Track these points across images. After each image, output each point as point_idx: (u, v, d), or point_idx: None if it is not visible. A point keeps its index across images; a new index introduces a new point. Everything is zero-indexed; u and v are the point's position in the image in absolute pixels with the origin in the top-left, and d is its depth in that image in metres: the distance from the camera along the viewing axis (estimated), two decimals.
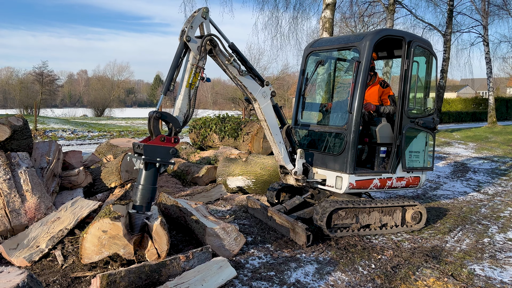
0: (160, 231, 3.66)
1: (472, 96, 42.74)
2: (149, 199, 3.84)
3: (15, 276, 2.32)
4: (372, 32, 5.03)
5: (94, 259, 3.57)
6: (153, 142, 3.82)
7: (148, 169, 3.79)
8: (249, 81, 4.64)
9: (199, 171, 7.40)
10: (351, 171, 4.86)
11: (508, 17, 26.07)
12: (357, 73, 4.85)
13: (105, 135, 17.49)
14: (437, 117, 5.55)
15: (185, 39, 4.07)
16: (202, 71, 4.19)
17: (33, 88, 48.42)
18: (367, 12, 22.18)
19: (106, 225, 3.54)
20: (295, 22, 18.47)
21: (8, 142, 5.11)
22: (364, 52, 4.86)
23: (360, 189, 5.05)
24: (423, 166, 5.47)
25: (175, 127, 4.01)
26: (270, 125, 4.88)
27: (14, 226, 4.26)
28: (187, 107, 4.14)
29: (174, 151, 3.88)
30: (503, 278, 3.95)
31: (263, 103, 4.78)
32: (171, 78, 4.07)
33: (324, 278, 3.76)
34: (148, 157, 3.75)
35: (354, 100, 4.83)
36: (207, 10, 4.24)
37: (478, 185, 8.53)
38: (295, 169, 5.08)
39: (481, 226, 5.66)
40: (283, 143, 4.99)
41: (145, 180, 3.80)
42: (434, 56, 5.48)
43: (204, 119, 10.64)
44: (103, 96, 62.96)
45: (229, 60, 4.41)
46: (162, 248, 3.67)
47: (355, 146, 4.87)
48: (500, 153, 13.89)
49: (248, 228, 5.08)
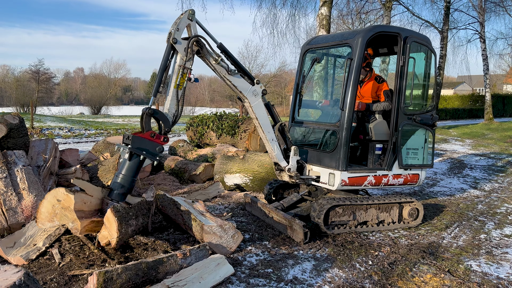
0: (110, 217, 3.56)
1: (468, 93, 42.81)
2: (126, 190, 3.97)
3: (12, 275, 2.31)
4: (364, 29, 5.02)
5: (46, 225, 3.65)
6: (143, 135, 3.98)
7: (131, 160, 3.93)
8: (238, 80, 4.68)
9: (196, 168, 7.39)
10: (344, 168, 4.86)
11: (505, 14, 26.15)
12: (349, 70, 4.85)
13: (102, 133, 17.44)
14: (436, 114, 5.50)
15: (171, 41, 4.16)
16: (189, 72, 4.27)
17: (30, 86, 48.21)
18: (364, 9, 22.20)
19: (60, 194, 3.62)
20: (292, 19, 18.48)
21: (4, 140, 5.09)
22: (356, 49, 4.85)
23: (354, 186, 5.03)
24: (422, 163, 5.43)
25: (165, 126, 4.14)
26: (262, 123, 4.91)
27: (10, 224, 4.25)
28: (175, 107, 4.27)
29: (161, 149, 4.02)
30: (500, 274, 3.97)
31: (254, 102, 4.82)
32: (160, 80, 4.18)
33: (321, 275, 3.77)
34: (134, 147, 3.90)
35: (346, 97, 4.83)
36: (193, 12, 4.31)
37: (475, 182, 8.56)
38: (288, 166, 5.09)
39: (477, 222, 5.69)
40: (275, 140, 5.01)
41: (126, 170, 3.94)
42: (433, 52, 5.43)
43: (202, 116, 10.62)
44: (100, 94, 62.74)
45: (216, 60, 4.45)
46: (112, 235, 3.58)
47: (348, 143, 4.86)
48: (497, 150, 13.94)
49: (246, 226, 5.09)
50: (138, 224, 3.98)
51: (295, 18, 18.48)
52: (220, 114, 10.41)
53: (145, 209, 4.14)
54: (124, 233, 3.68)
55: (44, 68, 47.14)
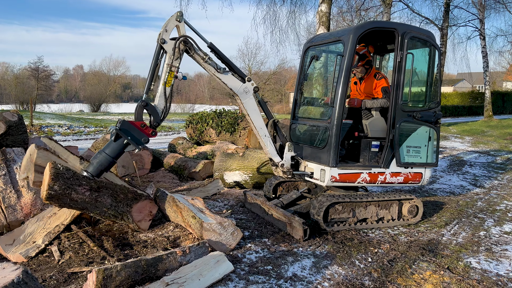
0: (47, 170, 3.88)
1: (468, 90, 42.79)
2: (103, 167, 4.20)
3: (10, 272, 2.31)
4: (356, 26, 5.02)
5: (22, 176, 4.42)
6: (134, 123, 4.27)
7: (116, 141, 4.20)
8: (228, 78, 4.83)
9: (196, 166, 7.38)
10: (334, 164, 4.86)
11: (505, 11, 26.01)
12: (340, 67, 4.86)
13: (101, 130, 17.43)
14: (439, 111, 5.35)
15: (159, 41, 4.42)
16: (176, 70, 4.50)
17: (29, 83, 48.14)
18: (364, 6, 22.08)
19: (32, 149, 4.28)
20: (292, 16, 18.41)
21: (3, 138, 5.08)
22: (347, 46, 4.84)
23: (346, 182, 5.00)
24: (425, 161, 5.28)
25: (154, 119, 4.41)
26: (254, 120, 5.03)
27: (10, 222, 4.25)
28: (164, 103, 4.50)
29: (146, 140, 4.29)
30: (499, 271, 3.97)
31: (245, 99, 4.95)
32: (152, 78, 4.46)
33: (321, 272, 3.77)
34: (121, 129, 4.17)
35: (336, 94, 4.83)
36: (181, 13, 4.54)
37: (474, 179, 8.56)
38: (282, 161, 5.16)
39: (477, 219, 5.69)
40: (268, 136, 5.11)
41: (109, 150, 4.19)
42: (436, 48, 5.28)
43: (201, 114, 10.61)
44: (100, 91, 62.64)
45: (203, 58, 4.64)
46: (43, 188, 3.83)
47: (338, 139, 4.85)
48: (496, 147, 13.94)
49: (245, 223, 5.08)
50: (85, 195, 4.01)
51: (295, 15, 18.43)
52: (220, 112, 10.39)
53: (105, 189, 4.18)
54: (58, 191, 3.83)
55: (43, 65, 47.15)
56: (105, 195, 4.13)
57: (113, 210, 4.19)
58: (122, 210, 4.25)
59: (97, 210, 4.11)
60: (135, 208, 4.35)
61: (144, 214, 4.43)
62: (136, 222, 4.37)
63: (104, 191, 4.13)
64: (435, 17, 27.31)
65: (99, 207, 4.10)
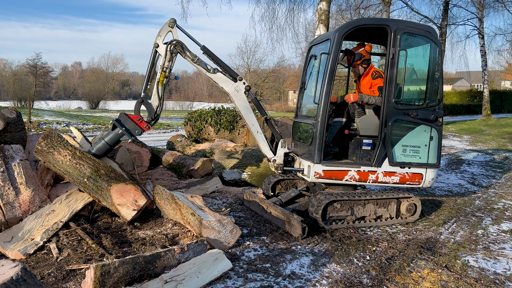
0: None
1: (467, 89, 42.85)
2: (101, 152, 4.94)
3: (9, 269, 2.30)
4: (343, 24, 5.05)
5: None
6: (131, 116, 4.90)
7: (113, 131, 4.89)
8: (219, 77, 5.15)
9: (194, 163, 7.38)
10: (318, 160, 4.90)
11: (504, 10, 26.04)
12: (325, 64, 4.91)
13: (99, 127, 17.39)
14: (439, 109, 5.16)
15: (154, 45, 4.97)
16: (168, 71, 4.98)
17: (27, 80, 48.04)
18: (363, 4, 22.07)
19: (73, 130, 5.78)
20: (291, 14, 18.40)
21: (1, 135, 5.07)
22: (333, 44, 4.88)
23: (332, 179, 5.00)
24: (425, 162, 5.11)
25: (149, 115, 4.99)
26: (246, 117, 5.25)
27: (8, 219, 4.24)
28: (158, 101, 5.03)
29: (139, 132, 4.91)
30: (497, 269, 3.99)
31: (236, 97, 5.19)
32: (148, 78, 5.04)
33: (319, 270, 3.78)
34: (117, 121, 4.85)
35: (321, 91, 4.88)
36: (173, 20, 4.99)
37: (473, 178, 8.58)
38: (274, 157, 5.31)
39: (475, 218, 5.70)
40: (261, 133, 5.30)
41: (107, 138, 4.92)
42: (436, 44, 5.12)
43: (200, 111, 10.60)
44: (98, 88, 62.53)
45: (193, 60, 5.04)
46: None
47: (322, 136, 4.88)
48: (495, 146, 13.97)
49: (244, 221, 5.09)
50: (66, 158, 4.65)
51: (294, 13, 18.41)
52: (219, 109, 10.38)
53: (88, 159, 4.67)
54: (44, 147, 4.66)
55: (41, 62, 47.06)
56: (85, 165, 4.58)
57: (92, 182, 4.47)
58: (101, 186, 4.44)
59: (77, 179, 4.55)
60: (115, 188, 4.46)
61: (127, 199, 4.44)
62: (116, 206, 4.41)
63: (86, 161, 4.63)
64: (434, 16, 27.34)
65: (79, 177, 4.54)
